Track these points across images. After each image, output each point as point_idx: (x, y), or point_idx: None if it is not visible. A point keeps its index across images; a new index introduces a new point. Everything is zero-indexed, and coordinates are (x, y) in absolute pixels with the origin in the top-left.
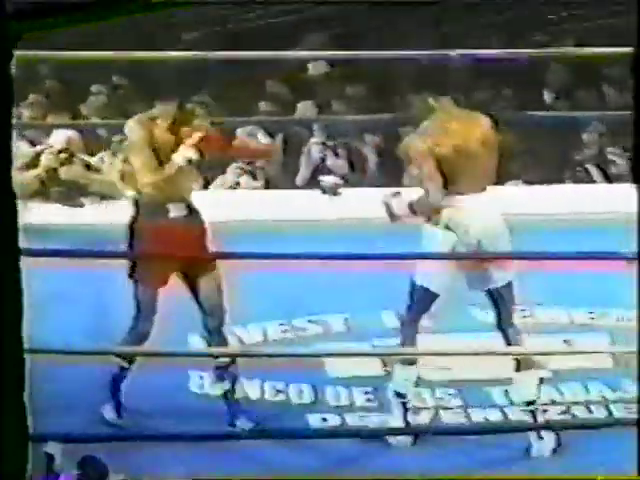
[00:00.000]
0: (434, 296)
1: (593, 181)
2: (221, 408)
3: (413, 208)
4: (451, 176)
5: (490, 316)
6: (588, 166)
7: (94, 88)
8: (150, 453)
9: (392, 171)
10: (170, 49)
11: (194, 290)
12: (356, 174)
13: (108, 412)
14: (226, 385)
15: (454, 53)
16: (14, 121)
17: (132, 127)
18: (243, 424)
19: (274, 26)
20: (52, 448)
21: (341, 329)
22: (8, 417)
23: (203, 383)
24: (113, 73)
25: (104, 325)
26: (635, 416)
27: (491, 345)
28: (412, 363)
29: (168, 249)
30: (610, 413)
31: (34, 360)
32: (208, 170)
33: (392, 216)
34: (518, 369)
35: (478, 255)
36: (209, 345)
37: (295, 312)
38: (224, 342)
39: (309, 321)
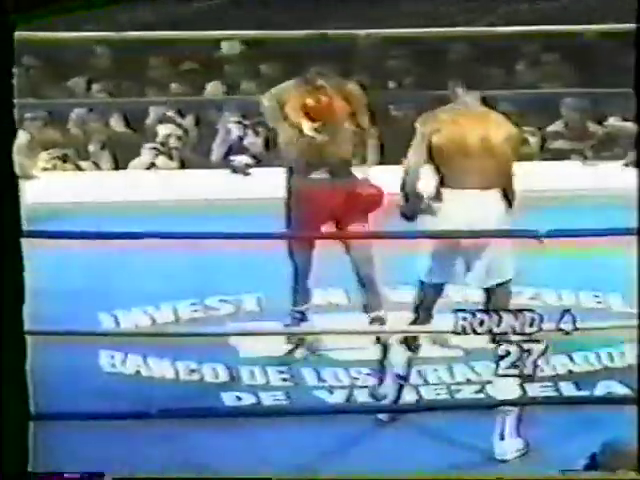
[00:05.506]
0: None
1: None
2: (133, 387)
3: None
4: (444, 167)
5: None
6: None
7: None
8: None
9: None
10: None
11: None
12: (271, 153)
13: None
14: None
15: (362, 32)
16: None
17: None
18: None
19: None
20: None
21: (253, 309)
22: (9, 397)
23: (114, 362)
24: (24, 54)
25: None
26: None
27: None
28: (413, 347)
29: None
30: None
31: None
32: (122, 151)
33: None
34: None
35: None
36: (366, 299)
37: (207, 292)
38: (378, 296)
39: (221, 300)
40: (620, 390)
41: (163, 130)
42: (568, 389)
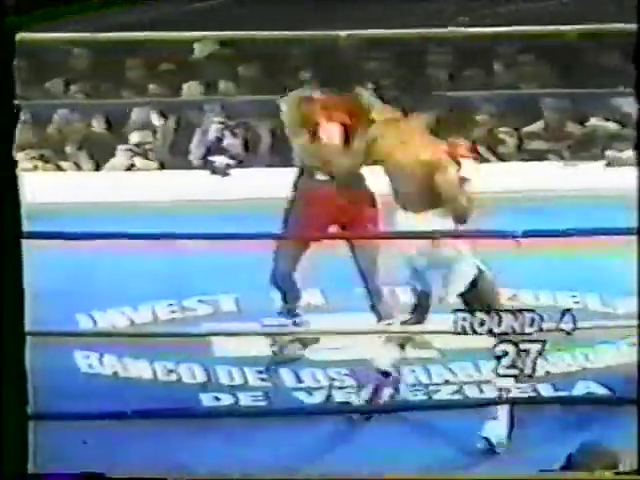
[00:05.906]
0: None
1: (485, 160)
2: (111, 387)
3: None
4: (389, 177)
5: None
6: (478, 146)
7: None
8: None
9: (284, 152)
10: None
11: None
12: (250, 154)
13: None
14: None
15: (343, 33)
16: None
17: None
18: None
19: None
20: None
21: (231, 309)
22: (8, 397)
23: (91, 363)
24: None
25: None
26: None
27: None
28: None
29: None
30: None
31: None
32: (99, 152)
33: None
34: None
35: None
36: (372, 304)
37: (185, 292)
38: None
39: (199, 301)
40: (598, 390)
41: (138, 132)
42: (546, 390)
